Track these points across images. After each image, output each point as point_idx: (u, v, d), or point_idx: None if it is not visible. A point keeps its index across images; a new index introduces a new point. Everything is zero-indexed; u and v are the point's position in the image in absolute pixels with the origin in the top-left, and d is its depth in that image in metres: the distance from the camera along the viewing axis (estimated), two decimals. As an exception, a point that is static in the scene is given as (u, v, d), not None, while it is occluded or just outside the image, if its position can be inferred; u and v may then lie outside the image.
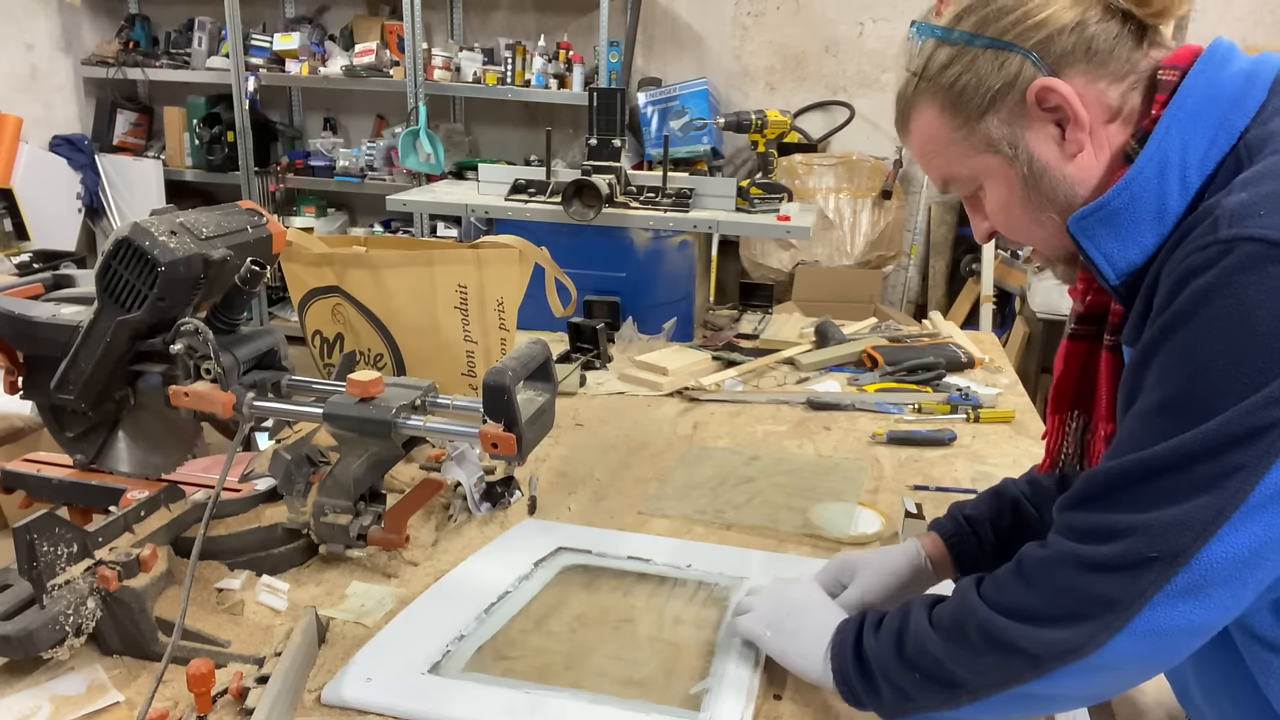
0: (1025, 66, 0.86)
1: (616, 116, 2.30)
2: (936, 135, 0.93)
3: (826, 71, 4.52)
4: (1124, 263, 0.86)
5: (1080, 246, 0.88)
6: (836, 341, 2.24)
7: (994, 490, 1.18)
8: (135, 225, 1.10)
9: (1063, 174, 0.89)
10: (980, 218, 0.98)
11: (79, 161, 4.70)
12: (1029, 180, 0.90)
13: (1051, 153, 0.88)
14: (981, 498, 1.19)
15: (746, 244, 4.31)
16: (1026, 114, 0.88)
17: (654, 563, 1.28)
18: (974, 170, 0.93)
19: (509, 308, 1.72)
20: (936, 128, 0.93)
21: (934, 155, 0.95)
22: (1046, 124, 0.88)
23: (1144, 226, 0.84)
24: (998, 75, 0.87)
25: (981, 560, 1.13)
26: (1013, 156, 0.89)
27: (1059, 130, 0.88)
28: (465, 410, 1.16)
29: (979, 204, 0.97)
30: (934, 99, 0.92)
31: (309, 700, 1.00)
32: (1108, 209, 0.85)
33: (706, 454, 1.68)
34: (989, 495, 1.18)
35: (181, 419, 1.22)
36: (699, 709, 0.98)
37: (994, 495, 1.18)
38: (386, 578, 1.24)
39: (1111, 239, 0.86)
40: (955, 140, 0.92)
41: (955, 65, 0.89)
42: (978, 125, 0.90)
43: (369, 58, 4.48)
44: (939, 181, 0.98)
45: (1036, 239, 0.95)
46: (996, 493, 1.18)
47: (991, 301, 4.07)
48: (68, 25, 4.82)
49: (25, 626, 0.97)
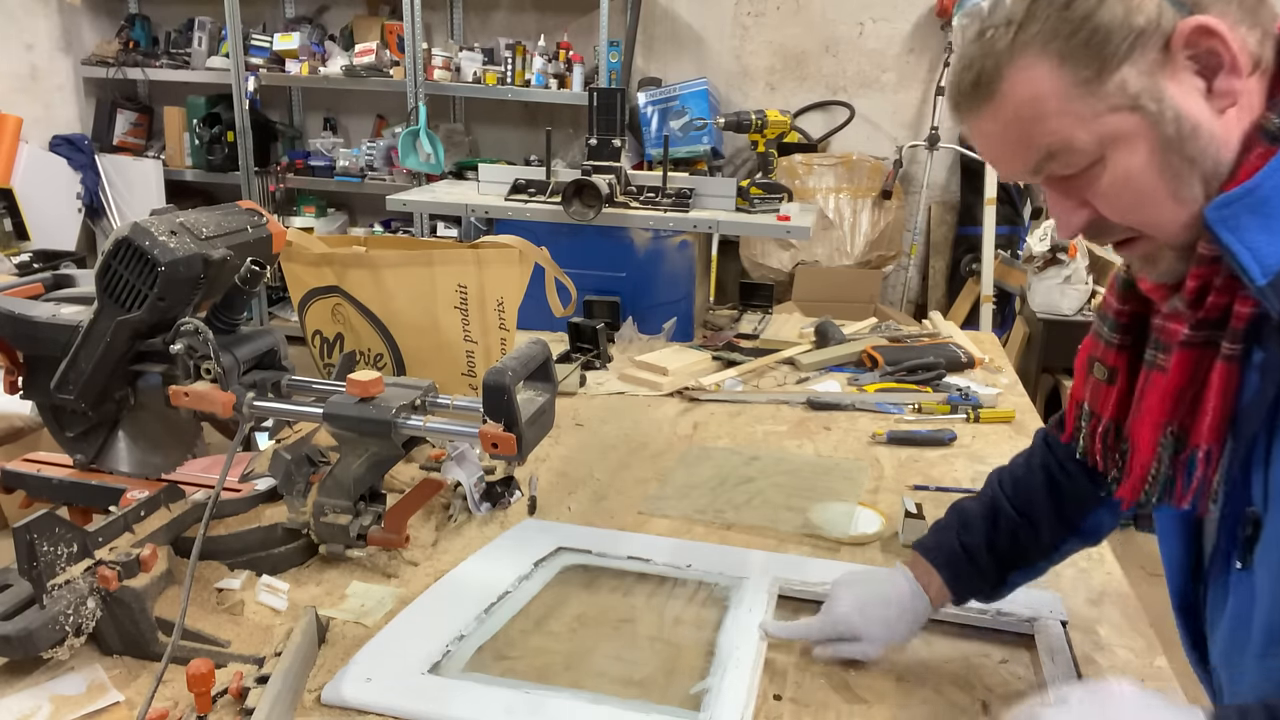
0: (1164, 5, 0.73)
1: (616, 116, 2.30)
2: (1049, 95, 0.76)
3: (826, 71, 4.52)
4: (1274, 259, 0.73)
5: (1219, 239, 0.74)
6: (836, 341, 2.24)
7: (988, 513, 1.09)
8: (135, 225, 1.10)
9: (1212, 133, 0.75)
10: (1075, 204, 0.82)
11: (79, 161, 4.70)
12: (1173, 143, 0.75)
13: (1199, 108, 0.75)
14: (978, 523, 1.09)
15: (746, 244, 4.31)
16: (1170, 62, 0.74)
17: (654, 563, 1.28)
18: (1101, 136, 0.76)
19: (509, 308, 1.72)
20: (1050, 85, 0.76)
21: (1040, 121, 0.77)
22: (1190, 74, 0.75)
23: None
24: (1136, 16, 0.73)
25: (977, 588, 1.08)
26: (1157, 113, 0.74)
27: (1204, 82, 0.75)
28: (465, 410, 1.16)
29: (1080, 185, 0.80)
30: (1046, 50, 0.75)
31: (309, 700, 1.00)
32: (1256, 195, 0.73)
33: (706, 454, 1.67)
34: (986, 524, 1.09)
35: (181, 419, 1.22)
36: (699, 709, 0.98)
37: (990, 523, 1.09)
38: (386, 578, 1.24)
39: (1260, 231, 0.73)
40: (1079, 98, 0.75)
41: (1077, 6, 0.74)
42: (1112, 77, 0.74)
43: (369, 58, 4.48)
44: (1034, 159, 0.80)
45: (1163, 220, 0.79)
46: (992, 519, 1.09)
47: (991, 301, 4.07)
48: (68, 25, 4.82)
49: (25, 626, 0.97)
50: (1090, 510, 1.06)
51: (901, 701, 1.03)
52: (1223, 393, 0.79)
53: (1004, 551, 1.07)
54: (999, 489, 1.11)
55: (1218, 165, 0.76)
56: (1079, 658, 1.10)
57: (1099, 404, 0.93)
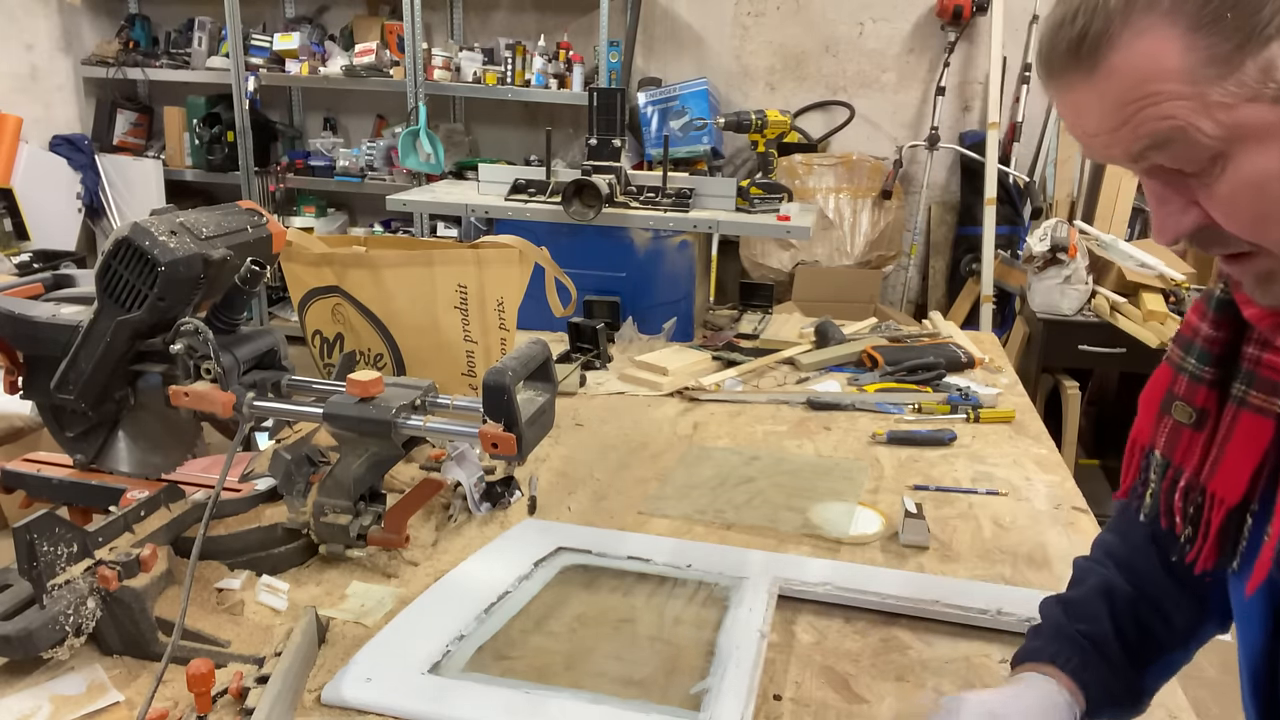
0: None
1: (616, 116, 2.30)
2: (1173, 71, 0.60)
3: (826, 71, 4.52)
4: None
5: None
6: (836, 341, 2.24)
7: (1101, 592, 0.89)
8: (135, 225, 1.10)
9: None
10: (1182, 205, 0.67)
11: (79, 161, 4.70)
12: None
13: None
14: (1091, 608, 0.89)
15: (746, 244, 4.31)
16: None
17: (654, 563, 1.28)
18: (1230, 128, 0.61)
19: (509, 308, 1.72)
20: (1175, 59, 0.60)
21: (1158, 101, 0.62)
22: None
23: None
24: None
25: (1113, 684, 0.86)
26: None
27: None
28: (465, 410, 1.16)
29: (1193, 184, 0.65)
30: (1175, 13, 0.60)
31: (309, 700, 1.00)
32: None
33: (706, 454, 1.68)
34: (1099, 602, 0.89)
35: (181, 419, 1.22)
36: (699, 709, 0.98)
37: (1104, 600, 0.89)
38: (386, 578, 1.24)
39: None
40: (1208, 80, 0.60)
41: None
42: (1255, 57, 0.59)
43: (369, 58, 4.48)
44: (1142, 143, 0.64)
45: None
46: (1107, 597, 0.89)
47: (991, 301, 4.07)
48: (68, 25, 4.82)
49: (25, 626, 0.97)
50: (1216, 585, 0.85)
51: (901, 701, 1.03)
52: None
53: (1133, 641, 0.86)
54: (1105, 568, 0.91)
55: None
56: (1079, 658, 1.10)
57: (1180, 453, 0.77)
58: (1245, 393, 0.71)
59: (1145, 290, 3.34)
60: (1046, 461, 1.67)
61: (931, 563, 1.32)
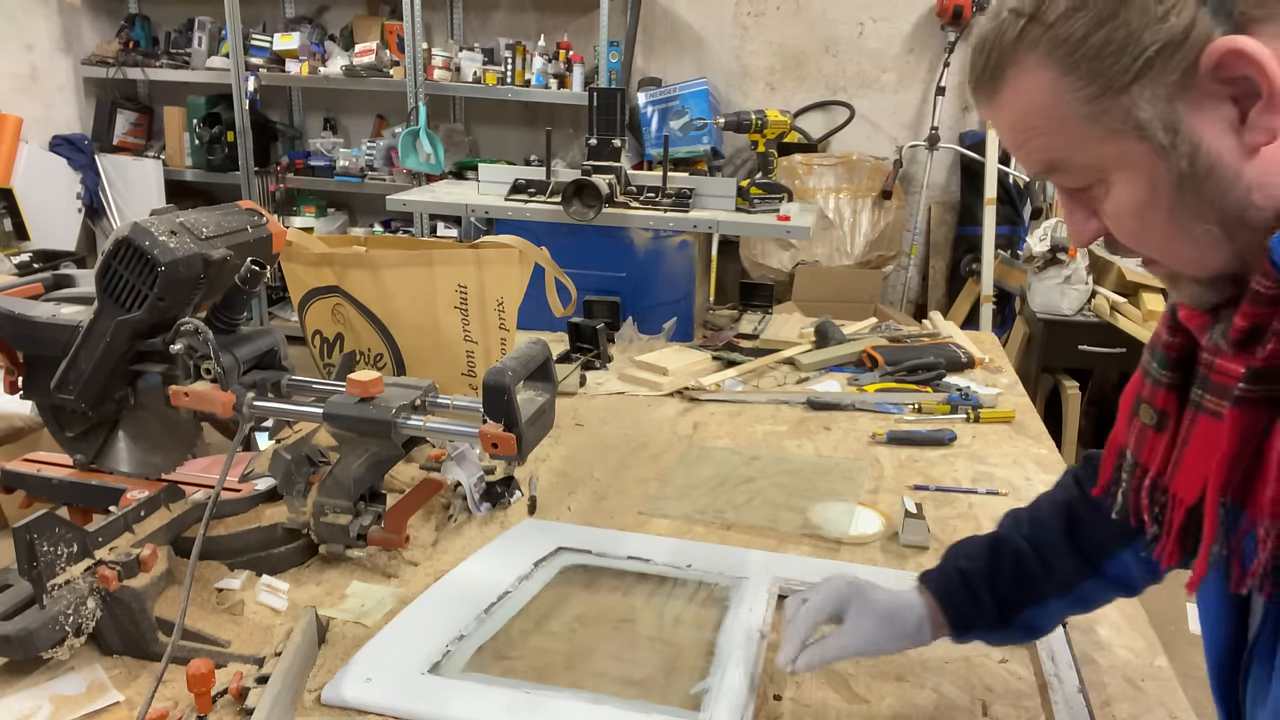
0: (1200, 17, 0.62)
1: (616, 116, 2.30)
2: (1050, 107, 0.68)
3: (826, 71, 4.52)
4: None
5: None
6: (836, 341, 2.24)
7: (992, 542, 1.01)
8: (135, 225, 1.10)
9: (1237, 175, 0.65)
10: (1084, 215, 0.74)
11: (79, 161, 4.70)
12: (1186, 179, 0.65)
13: (1224, 143, 0.64)
14: (979, 550, 1.00)
15: (746, 244, 4.31)
16: (1195, 86, 0.63)
17: (654, 563, 1.28)
18: (1101, 159, 0.68)
19: (509, 308, 1.72)
20: (1052, 97, 0.67)
21: (1040, 133, 0.70)
22: (1220, 102, 0.64)
23: None
24: (1160, 27, 0.62)
25: (979, 620, 0.98)
26: (1168, 146, 0.65)
27: (1236, 111, 0.64)
28: (465, 410, 1.15)
29: (1090, 200, 0.73)
30: (1053, 56, 0.66)
31: (309, 700, 1.00)
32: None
33: (706, 454, 1.68)
34: (987, 550, 1.00)
35: (181, 419, 1.22)
36: (699, 709, 0.98)
37: (992, 550, 1.00)
38: (386, 578, 1.24)
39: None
40: (1080, 116, 0.67)
41: (1094, 7, 0.64)
42: (1119, 98, 0.65)
43: (369, 58, 4.48)
44: (1035, 167, 0.73)
45: (1175, 255, 0.70)
46: (994, 547, 1.00)
47: (991, 301, 4.07)
48: (68, 25, 4.82)
49: (25, 626, 0.97)
50: (1114, 553, 0.95)
51: (901, 701, 1.03)
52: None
53: (1005, 584, 0.97)
54: (1009, 522, 1.03)
55: (1244, 208, 0.65)
56: (1079, 657, 1.10)
57: (1146, 453, 0.80)
58: (1201, 397, 0.73)
59: (1145, 290, 3.34)
60: (1046, 461, 1.68)
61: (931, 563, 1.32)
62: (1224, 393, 0.70)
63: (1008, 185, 4.21)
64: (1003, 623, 0.98)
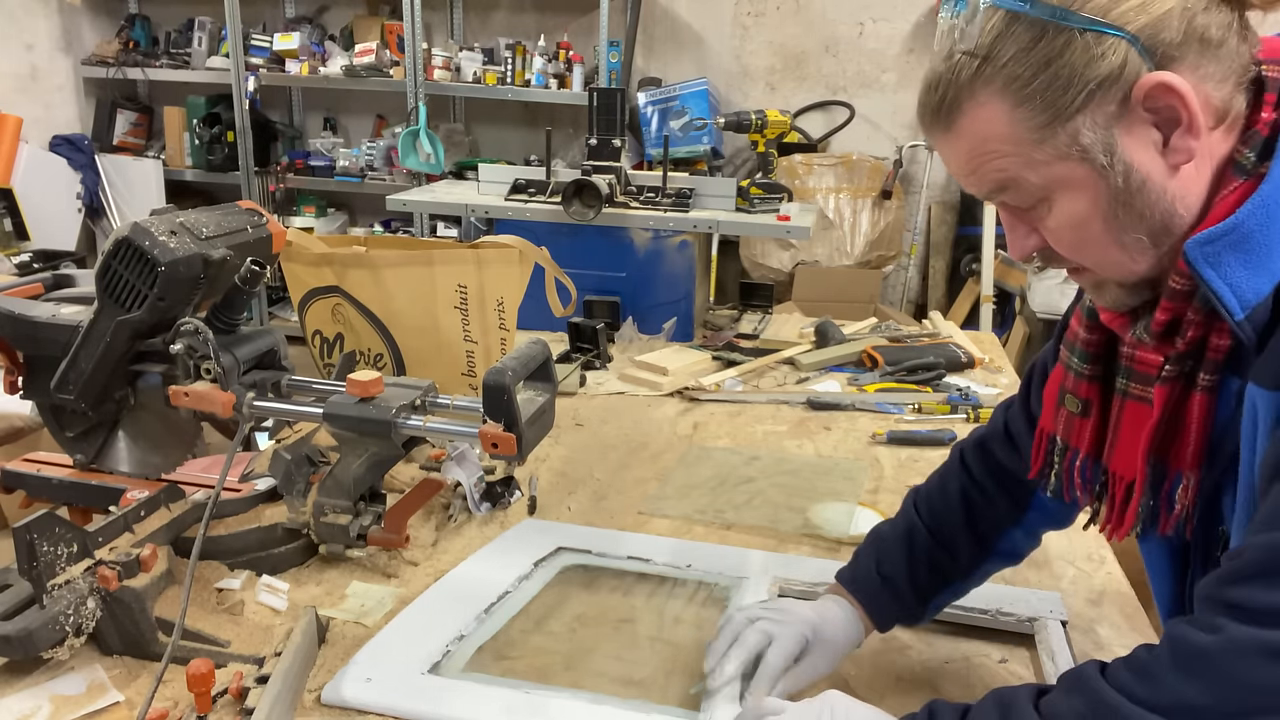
0: (1130, 56, 0.71)
1: (616, 116, 2.30)
2: (1003, 136, 0.76)
3: (826, 71, 4.52)
4: (1253, 294, 0.73)
5: (1201, 276, 0.74)
6: (836, 341, 2.24)
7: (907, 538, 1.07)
8: (135, 225, 1.10)
9: (1163, 190, 0.75)
10: (1026, 231, 0.82)
11: (79, 161, 4.70)
12: (1121, 196, 0.75)
13: (1153, 163, 0.75)
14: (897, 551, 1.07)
15: (746, 244, 4.31)
16: (1127, 115, 0.73)
17: (654, 563, 1.28)
18: (1048, 181, 0.77)
19: (509, 308, 1.72)
20: (1004, 127, 0.76)
21: (993, 159, 0.78)
22: (1147, 128, 0.74)
23: (1276, 250, 0.72)
24: (1099, 65, 0.72)
25: (902, 618, 1.07)
26: (1107, 166, 0.75)
27: (1161, 136, 0.74)
28: (465, 410, 1.15)
29: (1032, 218, 0.81)
30: (1005, 91, 0.75)
31: (309, 700, 1.00)
32: (1239, 232, 0.72)
33: (706, 454, 1.67)
34: (904, 549, 1.07)
35: (181, 419, 1.22)
36: (699, 709, 0.98)
37: (908, 548, 1.06)
38: (386, 578, 1.24)
39: (1240, 267, 0.72)
40: (1029, 144, 0.76)
41: (1039, 50, 0.73)
42: (1064, 127, 0.74)
43: (369, 58, 4.47)
44: (987, 188, 0.81)
45: (1108, 262, 0.80)
46: (910, 545, 1.07)
47: (991, 301, 4.07)
48: (68, 25, 4.81)
49: (25, 626, 0.97)
50: (1005, 531, 1.07)
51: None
52: (1202, 421, 0.80)
53: (923, 580, 1.06)
54: (915, 514, 1.09)
55: (1167, 220, 0.76)
56: (1079, 657, 1.10)
57: (1073, 437, 0.91)
58: (1127, 385, 0.85)
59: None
60: (1046, 461, 1.67)
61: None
62: (1148, 380, 0.82)
63: (1008, 185, 4.20)
64: (919, 613, 1.08)
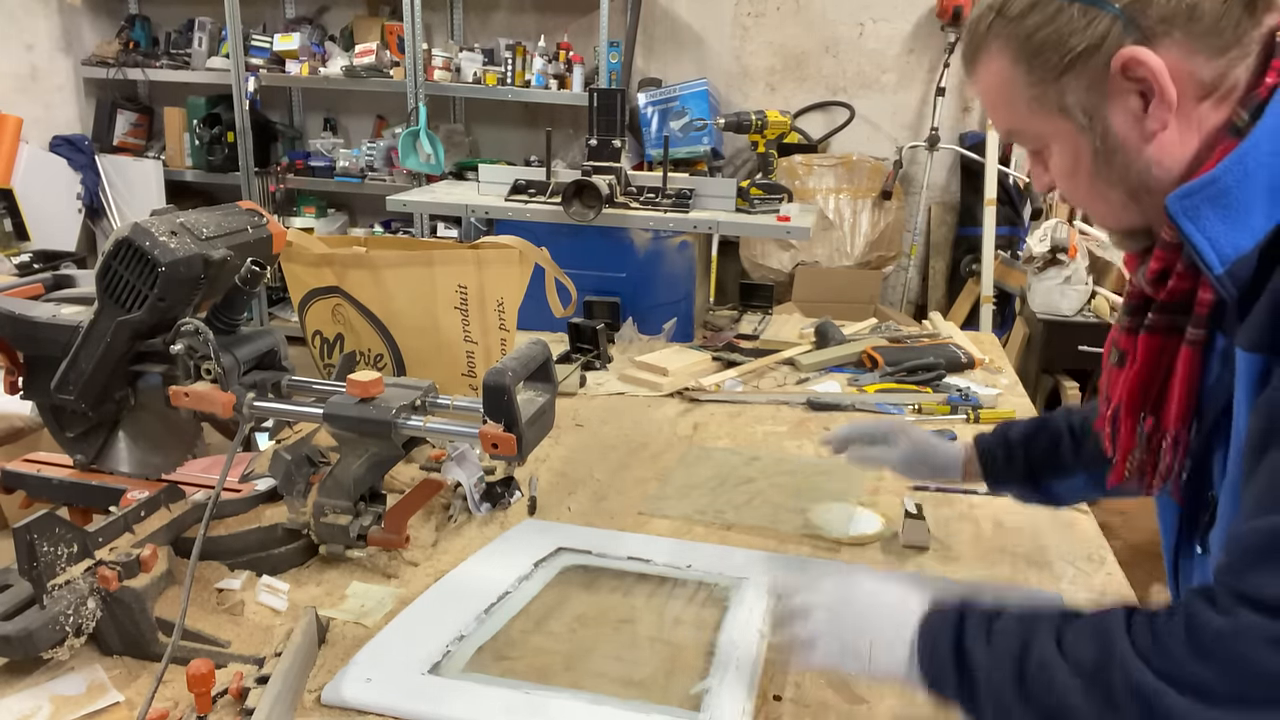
0: (1115, 28, 0.77)
1: (616, 117, 2.30)
2: (1006, 85, 0.85)
3: (826, 72, 4.52)
4: (1231, 249, 0.75)
5: (1180, 229, 0.77)
6: (836, 342, 2.24)
7: (1042, 419, 1.20)
8: (135, 225, 1.10)
9: (1139, 153, 0.81)
10: (1041, 170, 0.91)
11: (79, 162, 4.70)
12: (1100, 154, 0.82)
13: (1130, 128, 0.80)
14: (1027, 423, 1.21)
15: (746, 244, 4.31)
16: (1109, 82, 0.79)
17: (654, 563, 1.28)
18: (1041, 130, 0.86)
19: (509, 308, 1.72)
20: (1007, 77, 0.84)
21: (1000, 106, 0.87)
22: (1129, 95, 0.79)
23: (1256, 207, 0.75)
24: (1083, 34, 0.78)
25: (1007, 478, 1.21)
26: (1086, 126, 0.82)
27: (1142, 103, 0.79)
28: (465, 410, 1.16)
29: (1043, 159, 0.90)
30: (1008, 45, 0.83)
31: (309, 700, 1.00)
32: (1216, 186, 0.76)
33: (706, 454, 1.67)
34: (1034, 423, 1.21)
35: (181, 419, 1.22)
36: (699, 709, 0.98)
37: (1039, 424, 1.20)
38: (386, 578, 1.24)
39: (1219, 221, 0.75)
40: (1026, 96, 0.84)
41: (1036, 13, 0.80)
42: (1053, 85, 0.81)
43: (369, 58, 4.47)
44: (1001, 130, 0.91)
45: (1097, 211, 0.88)
46: (1043, 422, 1.20)
47: (991, 302, 4.07)
48: (68, 25, 4.81)
49: (25, 626, 0.97)
50: None
51: (902, 702, 1.03)
52: (1188, 378, 0.83)
53: (1039, 451, 1.17)
54: (1066, 414, 1.19)
55: (1144, 180, 0.82)
56: (1079, 658, 1.10)
57: (1111, 388, 0.93)
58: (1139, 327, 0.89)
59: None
60: (1046, 462, 1.67)
61: (932, 564, 1.32)
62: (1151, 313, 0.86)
63: (1008, 186, 4.20)
64: (1032, 485, 1.19)
